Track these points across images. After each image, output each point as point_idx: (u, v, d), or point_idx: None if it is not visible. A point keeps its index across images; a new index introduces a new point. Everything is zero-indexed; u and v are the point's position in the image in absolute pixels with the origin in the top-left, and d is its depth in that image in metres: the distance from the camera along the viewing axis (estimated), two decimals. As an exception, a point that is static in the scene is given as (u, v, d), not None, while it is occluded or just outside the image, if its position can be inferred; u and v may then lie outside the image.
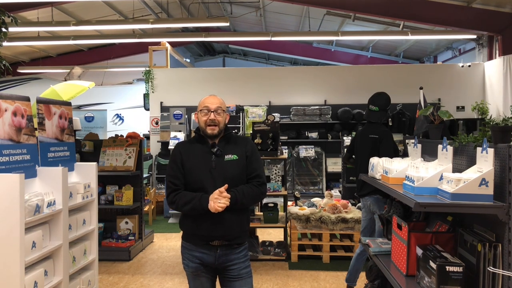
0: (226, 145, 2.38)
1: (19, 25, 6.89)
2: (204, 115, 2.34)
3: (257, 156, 2.42)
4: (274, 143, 5.00)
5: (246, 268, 2.40)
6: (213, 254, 2.32)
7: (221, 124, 2.35)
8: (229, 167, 2.32)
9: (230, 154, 2.34)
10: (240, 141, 2.43)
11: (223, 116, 2.37)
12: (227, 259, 2.34)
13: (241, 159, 2.35)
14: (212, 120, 2.32)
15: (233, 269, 2.36)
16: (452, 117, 2.57)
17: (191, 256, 2.37)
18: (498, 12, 8.00)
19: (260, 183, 2.36)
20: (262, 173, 2.40)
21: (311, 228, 5.01)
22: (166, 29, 12.67)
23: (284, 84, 9.07)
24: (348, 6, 8.29)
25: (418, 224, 2.34)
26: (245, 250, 2.42)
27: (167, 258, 5.23)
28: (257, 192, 2.34)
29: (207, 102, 2.36)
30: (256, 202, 2.46)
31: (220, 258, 2.33)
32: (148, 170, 8.40)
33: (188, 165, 2.33)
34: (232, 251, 2.35)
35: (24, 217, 2.46)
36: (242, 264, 2.38)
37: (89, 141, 5.51)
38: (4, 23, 4.66)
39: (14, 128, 2.72)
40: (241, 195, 2.26)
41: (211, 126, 2.32)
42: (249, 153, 2.38)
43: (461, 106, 8.71)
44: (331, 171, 8.50)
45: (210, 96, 2.40)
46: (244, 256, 2.40)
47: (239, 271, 2.36)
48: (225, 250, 2.33)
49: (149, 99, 9.20)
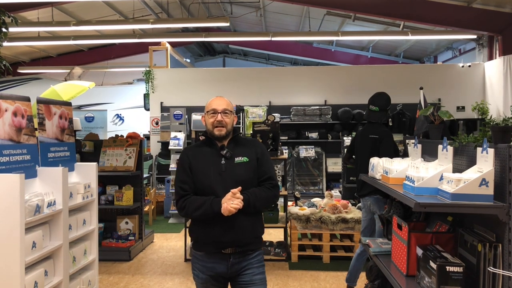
0: (235, 147, 2.30)
1: (19, 25, 6.89)
2: (211, 117, 2.27)
3: (267, 158, 2.35)
4: (274, 143, 5.00)
5: (260, 275, 2.27)
6: (226, 263, 2.22)
7: (229, 126, 2.28)
8: (240, 170, 2.24)
9: (240, 156, 2.26)
10: (249, 143, 2.36)
11: (231, 117, 2.29)
12: (239, 267, 2.24)
13: (252, 161, 2.28)
14: (220, 122, 2.25)
15: (246, 274, 2.24)
16: (452, 117, 2.57)
17: (202, 267, 2.26)
18: (498, 12, 8.00)
19: (273, 185, 2.28)
20: (274, 175, 2.32)
21: (311, 228, 5.01)
22: (166, 29, 12.67)
23: (284, 84, 9.08)
24: (348, 6, 8.29)
25: (418, 224, 2.34)
26: (259, 256, 2.31)
27: (167, 258, 5.22)
28: (270, 194, 2.26)
29: (213, 104, 2.29)
30: (269, 205, 2.35)
31: (233, 267, 2.23)
32: (148, 170, 8.41)
33: (197, 169, 2.24)
34: (245, 258, 2.24)
35: (24, 217, 2.46)
36: (255, 270, 2.26)
37: (89, 141, 5.52)
38: (4, 23, 4.67)
39: (14, 128, 2.72)
40: (254, 198, 2.18)
41: (218, 127, 2.25)
42: (260, 155, 2.31)
43: (461, 106, 8.72)
44: (331, 171, 8.51)
45: (217, 98, 2.33)
46: (258, 261, 2.29)
47: (252, 276, 2.24)
48: (238, 258, 2.23)
49: (149, 99, 9.21)
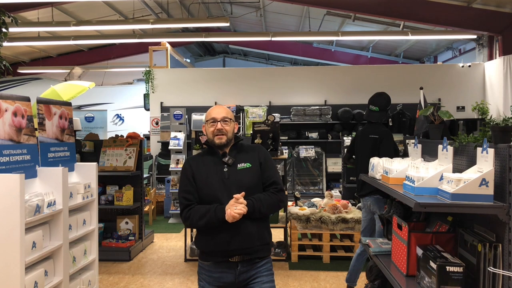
0: (237, 154, 2.28)
1: (20, 25, 6.89)
2: (211, 126, 2.27)
3: (271, 163, 2.32)
4: (274, 143, 5.00)
5: (269, 283, 2.21)
6: (233, 272, 2.17)
7: (229, 133, 2.27)
8: (243, 176, 2.21)
9: (243, 163, 2.25)
10: (251, 149, 2.35)
11: (231, 125, 2.29)
12: (248, 275, 2.19)
13: (255, 167, 2.25)
14: (220, 130, 2.24)
15: (255, 283, 2.18)
16: (452, 117, 2.57)
17: (209, 277, 2.21)
18: (498, 12, 8.00)
19: (278, 190, 2.24)
20: (278, 179, 2.28)
21: (311, 228, 5.01)
22: (166, 29, 12.67)
23: (284, 84, 9.08)
24: (348, 6, 8.29)
25: (418, 224, 2.34)
26: (268, 264, 2.26)
27: (167, 258, 5.23)
28: (275, 199, 2.21)
29: (213, 113, 2.29)
30: (275, 210, 2.29)
31: (241, 276, 2.18)
32: (148, 170, 8.40)
33: (200, 178, 2.23)
34: (253, 266, 2.19)
35: (24, 217, 2.46)
36: (264, 278, 2.20)
37: (89, 141, 5.52)
38: (5, 23, 4.67)
39: (14, 128, 2.73)
40: (259, 203, 2.14)
41: (218, 136, 2.25)
42: (263, 160, 2.29)
43: (461, 106, 8.72)
44: (331, 171, 8.51)
45: (216, 107, 2.34)
46: (267, 269, 2.23)
47: (261, 285, 2.18)
48: (246, 266, 2.18)
49: (149, 99, 9.21)
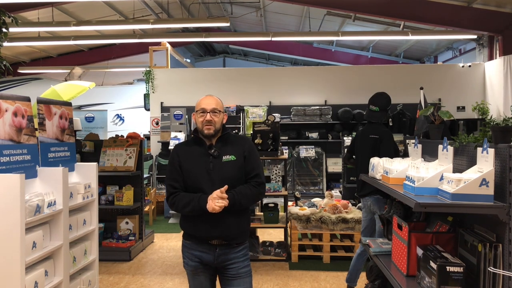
0: (223, 146, 2.37)
1: (20, 26, 6.88)
2: (200, 116, 2.34)
3: (255, 156, 2.41)
4: (274, 143, 5.00)
5: (245, 268, 2.40)
6: (212, 253, 2.33)
7: (218, 124, 2.34)
8: (227, 168, 2.31)
9: (228, 155, 2.34)
10: (238, 141, 2.42)
11: (220, 116, 2.36)
12: (226, 258, 2.35)
13: (239, 160, 2.34)
14: (209, 121, 2.32)
15: (232, 268, 2.36)
16: (452, 117, 2.57)
17: (191, 255, 2.38)
18: (498, 12, 8.00)
19: (259, 183, 2.35)
20: (261, 172, 2.39)
21: (311, 228, 5.01)
22: (166, 29, 12.67)
23: (285, 84, 9.07)
24: (348, 6, 8.28)
25: (418, 224, 2.34)
26: (244, 250, 2.43)
27: (167, 258, 5.23)
28: (256, 192, 2.34)
29: (203, 103, 2.35)
30: (255, 202, 2.47)
31: (219, 257, 2.34)
32: (149, 170, 8.40)
33: (186, 167, 2.34)
34: (231, 250, 2.35)
35: (24, 217, 2.46)
36: (241, 264, 2.38)
37: (89, 141, 5.52)
38: (5, 23, 4.67)
39: (14, 128, 2.73)
40: (240, 196, 2.26)
41: (207, 126, 2.32)
42: (247, 153, 2.37)
43: (461, 106, 8.71)
44: (332, 171, 8.50)
45: (207, 97, 2.40)
46: (243, 255, 2.40)
47: (238, 270, 2.37)
48: (224, 249, 2.34)
49: (149, 99, 9.20)
